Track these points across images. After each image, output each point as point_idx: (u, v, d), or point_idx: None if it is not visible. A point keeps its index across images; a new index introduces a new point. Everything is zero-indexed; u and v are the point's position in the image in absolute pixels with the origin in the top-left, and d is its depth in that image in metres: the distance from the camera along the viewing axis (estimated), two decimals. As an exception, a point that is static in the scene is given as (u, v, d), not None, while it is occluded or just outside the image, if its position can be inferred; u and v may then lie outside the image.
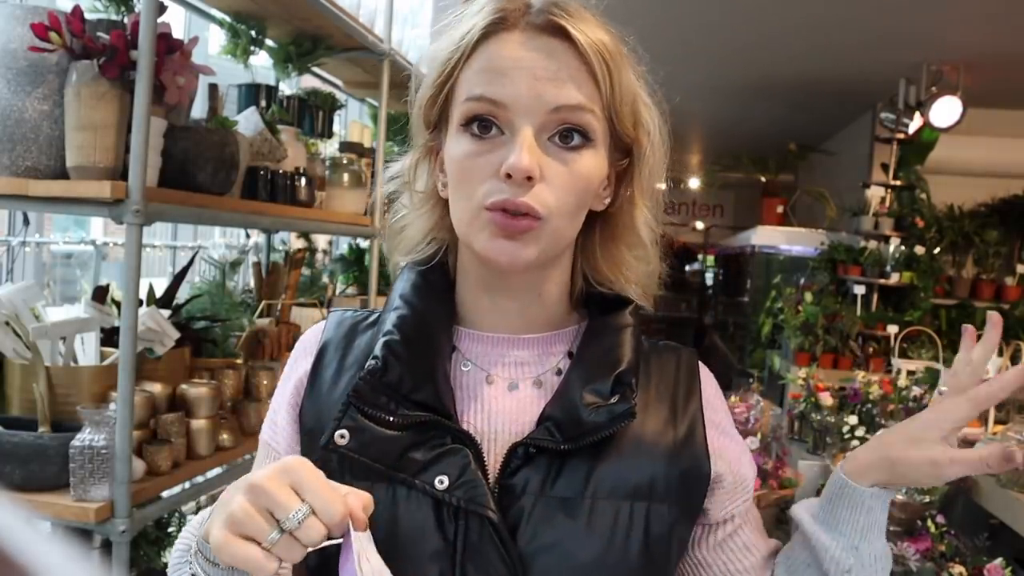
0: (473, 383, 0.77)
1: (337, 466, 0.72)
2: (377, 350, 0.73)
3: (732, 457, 0.80)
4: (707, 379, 0.84)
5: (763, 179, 7.36)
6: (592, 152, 0.72)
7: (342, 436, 0.71)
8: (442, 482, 0.69)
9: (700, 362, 0.85)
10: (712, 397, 0.82)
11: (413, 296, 0.78)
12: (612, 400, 0.72)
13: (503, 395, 0.76)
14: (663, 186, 0.81)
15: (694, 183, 10.05)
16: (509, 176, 0.68)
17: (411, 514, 0.70)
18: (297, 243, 3.19)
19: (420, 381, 0.72)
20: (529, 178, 0.68)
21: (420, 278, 0.80)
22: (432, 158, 0.80)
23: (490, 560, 0.68)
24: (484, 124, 0.70)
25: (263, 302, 2.44)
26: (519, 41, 0.70)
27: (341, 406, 0.72)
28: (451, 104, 0.74)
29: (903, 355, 3.83)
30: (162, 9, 1.50)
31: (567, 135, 0.70)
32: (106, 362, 1.71)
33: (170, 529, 2.06)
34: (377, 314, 0.82)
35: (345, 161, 2.58)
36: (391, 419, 0.71)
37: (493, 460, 0.73)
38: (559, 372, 0.78)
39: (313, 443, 0.75)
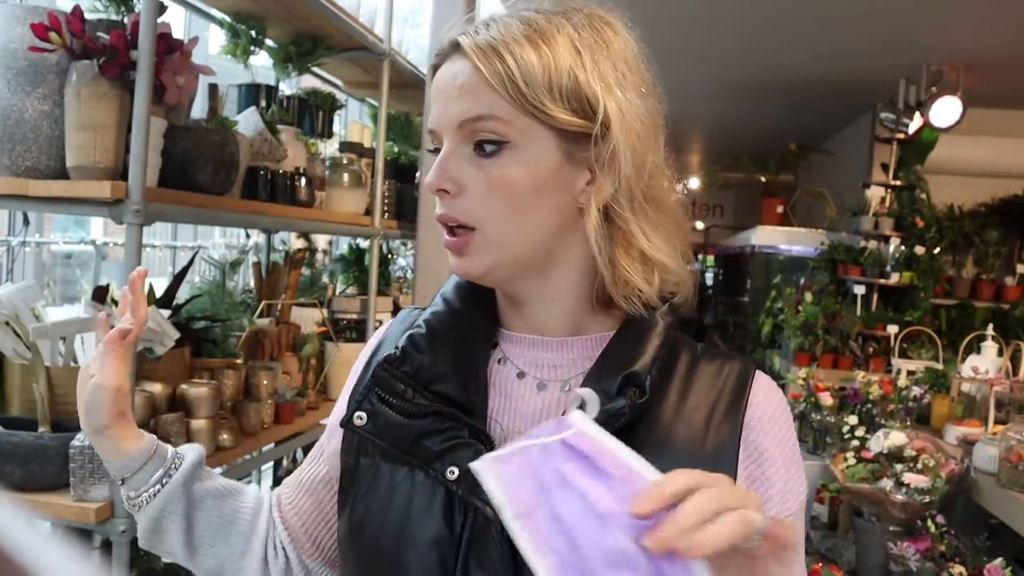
0: (505, 380, 0.79)
1: (368, 447, 0.77)
2: (400, 341, 0.78)
3: (762, 496, 0.71)
4: (761, 397, 0.76)
5: (763, 179, 7.36)
6: (513, 154, 0.72)
7: (360, 418, 0.76)
8: (453, 472, 0.71)
9: (763, 376, 0.78)
10: (763, 418, 0.74)
11: (453, 295, 0.82)
12: (616, 401, 0.70)
13: (531, 394, 0.77)
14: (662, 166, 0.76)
15: (694, 183, 10.06)
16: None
17: (424, 499, 0.72)
18: (297, 243, 3.18)
19: (442, 373, 0.75)
20: (446, 191, 0.73)
21: (466, 280, 0.82)
22: None
23: (490, 556, 0.69)
24: (436, 149, 0.76)
25: (263, 302, 2.44)
26: (444, 68, 0.75)
27: (363, 389, 0.77)
28: None
29: (903, 355, 3.83)
30: (162, 9, 1.50)
31: (480, 145, 0.73)
32: (106, 362, 1.70)
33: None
34: None
35: (345, 161, 2.58)
36: (406, 407, 0.75)
37: None
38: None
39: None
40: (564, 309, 0.78)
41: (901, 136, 4.79)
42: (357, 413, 0.76)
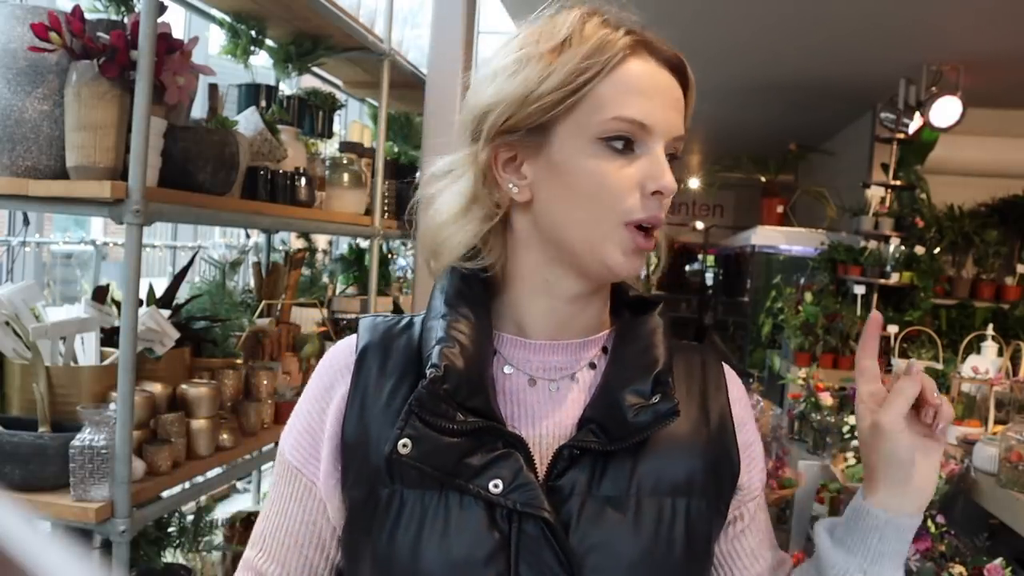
0: (516, 387, 0.79)
1: (388, 475, 0.73)
2: (435, 358, 0.73)
3: (753, 456, 0.83)
4: (732, 377, 0.86)
5: (763, 179, 7.36)
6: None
7: (404, 445, 0.71)
8: (496, 486, 0.71)
9: (726, 365, 0.88)
10: (739, 395, 0.85)
11: (458, 301, 0.78)
12: (654, 400, 0.74)
13: (545, 398, 0.78)
14: None
15: (694, 183, 10.06)
16: (657, 193, 0.73)
17: (465, 519, 0.71)
18: (297, 243, 3.19)
19: (474, 388, 0.74)
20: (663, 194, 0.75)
21: (462, 283, 0.80)
22: (508, 162, 0.77)
23: (545, 560, 0.70)
24: (626, 141, 0.73)
25: (263, 302, 2.44)
26: (655, 68, 0.75)
27: (403, 414, 0.72)
28: (576, 112, 0.73)
29: (903, 355, 3.82)
30: (162, 9, 1.50)
31: (671, 157, 0.76)
32: (106, 362, 1.71)
33: (170, 529, 2.06)
34: (407, 319, 0.83)
35: (345, 161, 2.58)
36: (451, 426, 0.71)
37: (539, 462, 0.75)
38: (592, 366, 0.80)
39: (355, 455, 0.75)
40: (592, 311, 0.81)
41: (901, 136, 4.79)
42: (401, 441, 0.71)
